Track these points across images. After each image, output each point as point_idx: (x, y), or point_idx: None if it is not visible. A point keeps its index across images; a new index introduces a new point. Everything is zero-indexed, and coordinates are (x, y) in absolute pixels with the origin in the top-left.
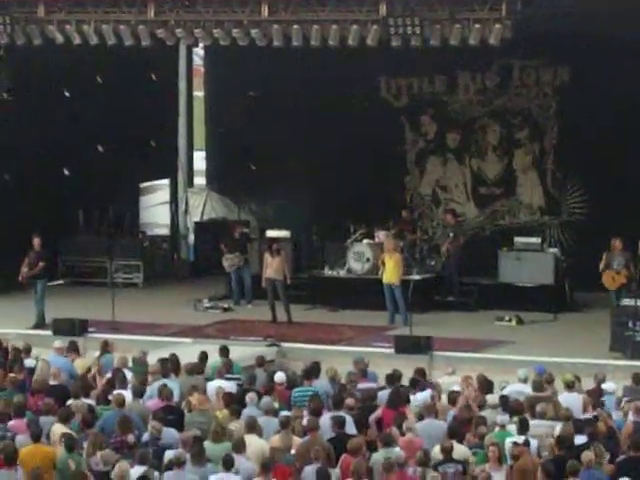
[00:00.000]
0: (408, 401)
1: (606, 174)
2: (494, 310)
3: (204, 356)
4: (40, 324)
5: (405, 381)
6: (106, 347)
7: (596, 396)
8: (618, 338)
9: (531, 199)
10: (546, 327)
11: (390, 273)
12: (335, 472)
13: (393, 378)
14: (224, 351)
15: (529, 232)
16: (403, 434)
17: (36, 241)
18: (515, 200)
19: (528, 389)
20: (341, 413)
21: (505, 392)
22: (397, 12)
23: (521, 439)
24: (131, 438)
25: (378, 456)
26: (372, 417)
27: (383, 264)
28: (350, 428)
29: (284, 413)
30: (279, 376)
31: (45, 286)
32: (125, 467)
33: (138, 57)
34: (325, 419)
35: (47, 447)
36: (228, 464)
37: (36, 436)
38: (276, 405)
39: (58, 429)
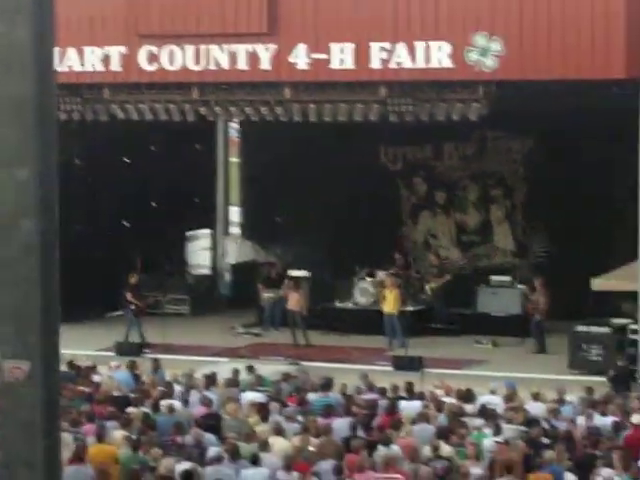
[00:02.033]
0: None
1: (564, 225)
2: (474, 335)
3: (236, 372)
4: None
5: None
6: (157, 365)
7: (557, 405)
8: (575, 358)
9: (504, 245)
10: (516, 349)
11: (390, 305)
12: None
13: (386, 391)
14: (250, 368)
15: (502, 272)
16: (400, 436)
17: (135, 279)
18: (491, 246)
19: (496, 399)
20: (353, 418)
21: (481, 401)
22: (394, 93)
23: (499, 439)
24: (180, 439)
25: (379, 453)
26: (375, 422)
27: (384, 298)
28: (359, 431)
29: (304, 418)
30: (310, 396)
31: None
32: (169, 463)
33: (184, 130)
34: (337, 423)
35: (110, 447)
36: (255, 460)
37: (101, 437)
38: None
39: (119, 432)
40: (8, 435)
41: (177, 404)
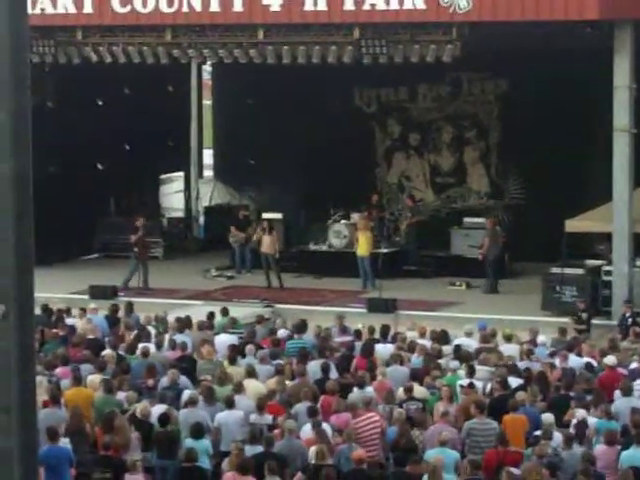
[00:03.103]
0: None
1: (539, 166)
2: (447, 277)
3: (211, 315)
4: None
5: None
6: (130, 308)
7: (531, 346)
8: (548, 299)
9: (479, 187)
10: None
11: (362, 247)
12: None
13: (360, 333)
14: (225, 311)
15: (477, 213)
16: (374, 378)
17: (140, 222)
18: (465, 187)
19: (471, 341)
20: (326, 361)
21: (456, 343)
22: (368, 35)
23: (467, 382)
24: (151, 382)
25: (354, 395)
26: (350, 364)
27: (357, 240)
28: (333, 373)
29: (279, 361)
30: (281, 332)
31: None
32: (145, 406)
33: (158, 72)
34: (311, 365)
35: (87, 390)
36: (229, 403)
37: (77, 381)
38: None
39: (95, 375)
40: None
41: (151, 347)
